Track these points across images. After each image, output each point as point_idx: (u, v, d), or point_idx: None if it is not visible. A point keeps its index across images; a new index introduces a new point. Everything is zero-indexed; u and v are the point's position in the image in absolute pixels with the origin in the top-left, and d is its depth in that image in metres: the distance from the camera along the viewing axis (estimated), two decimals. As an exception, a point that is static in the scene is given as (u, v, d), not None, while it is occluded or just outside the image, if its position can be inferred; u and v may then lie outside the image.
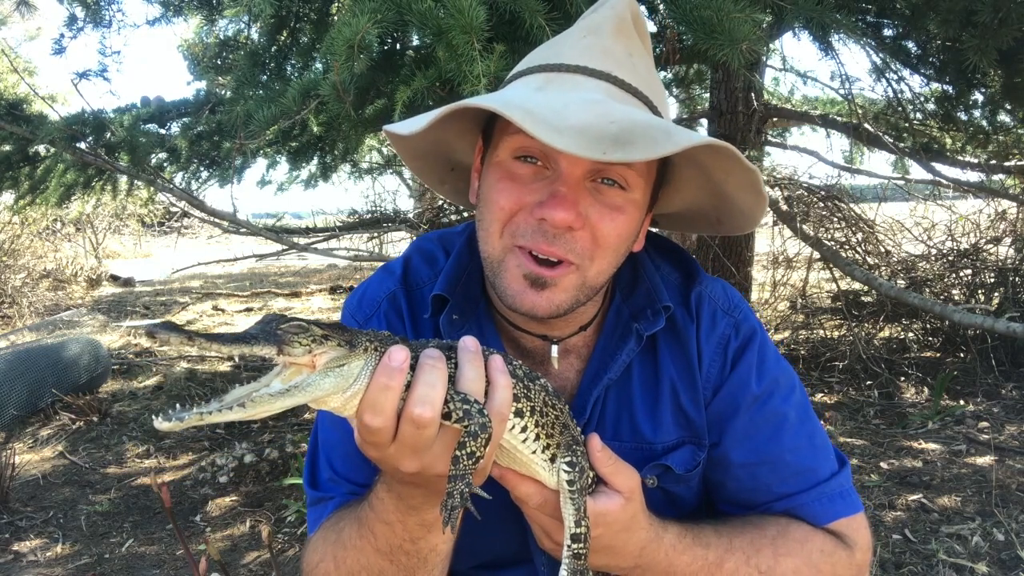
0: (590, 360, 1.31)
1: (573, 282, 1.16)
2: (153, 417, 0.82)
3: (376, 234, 7.07)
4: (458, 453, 0.90)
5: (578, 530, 1.03)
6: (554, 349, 1.29)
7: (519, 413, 1.01)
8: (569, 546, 1.04)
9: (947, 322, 5.99)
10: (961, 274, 6.59)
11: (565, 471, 1.04)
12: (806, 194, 6.38)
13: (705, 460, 1.32)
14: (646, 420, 1.29)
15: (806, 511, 1.27)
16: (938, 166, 5.55)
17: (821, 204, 6.46)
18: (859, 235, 6.53)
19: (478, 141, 1.30)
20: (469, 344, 0.97)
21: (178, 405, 0.83)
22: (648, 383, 1.31)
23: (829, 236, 6.40)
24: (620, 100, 1.13)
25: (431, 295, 1.30)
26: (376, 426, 0.90)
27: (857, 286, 6.45)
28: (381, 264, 1.50)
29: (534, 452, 1.03)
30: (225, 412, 0.83)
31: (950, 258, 6.58)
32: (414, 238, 6.77)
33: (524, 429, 1.01)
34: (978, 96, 4.67)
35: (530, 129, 0.99)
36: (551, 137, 0.98)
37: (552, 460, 1.05)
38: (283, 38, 3.53)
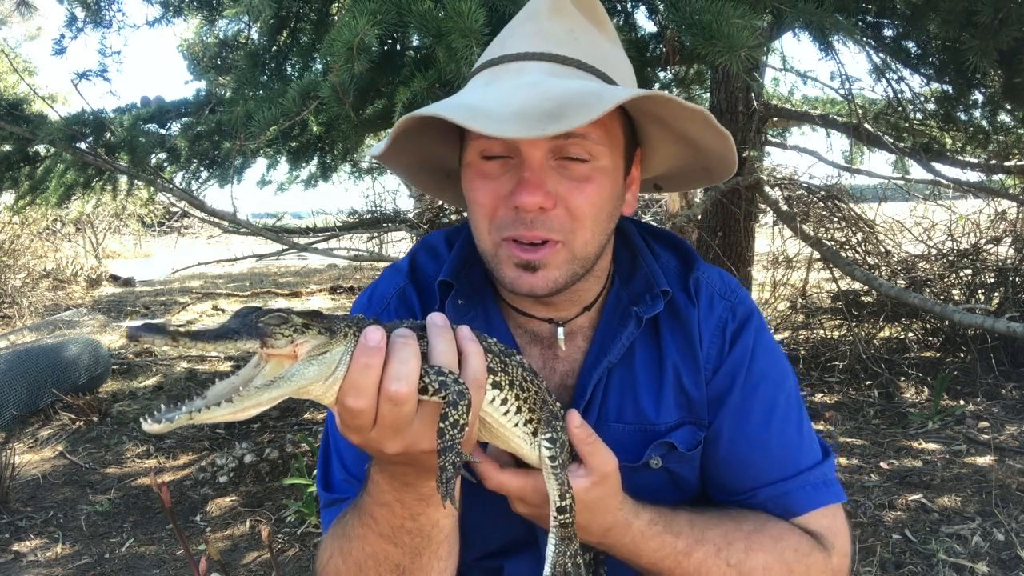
0: (591, 343, 1.34)
1: (563, 257, 1.20)
2: (141, 420, 0.81)
3: (376, 234, 7.05)
4: (442, 425, 0.92)
5: (563, 503, 1.07)
6: (560, 332, 1.32)
7: (498, 385, 1.03)
8: (556, 517, 1.08)
9: (947, 322, 5.99)
10: (961, 274, 6.58)
11: (547, 447, 1.07)
12: (806, 194, 6.38)
13: (704, 440, 1.34)
14: (649, 401, 1.32)
15: (788, 498, 1.29)
16: (938, 166, 5.55)
17: (821, 204, 6.46)
18: (859, 235, 6.53)
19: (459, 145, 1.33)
20: (437, 319, 1.00)
21: (163, 406, 0.82)
22: (651, 366, 1.33)
23: (829, 236, 6.40)
24: (564, 76, 1.17)
25: (437, 282, 1.34)
26: (359, 407, 0.92)
27: (857, 286, 6.45)
28: (381, 264, 1.53)
29: (516, 425, 1.06)
30: (213, 409, 0.83)
31: (950, 258, 6.58)
32: (414, 238, 6.78)
33: (504, 401, 1.04)
34: (978, 96, 4.66)
35: (470, 125, 1.04)
36: (491, 127, 1.04)
37: (534, 434, 1.08)
38: (283, 38, 3.53)
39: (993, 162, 5.56)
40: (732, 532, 1.23)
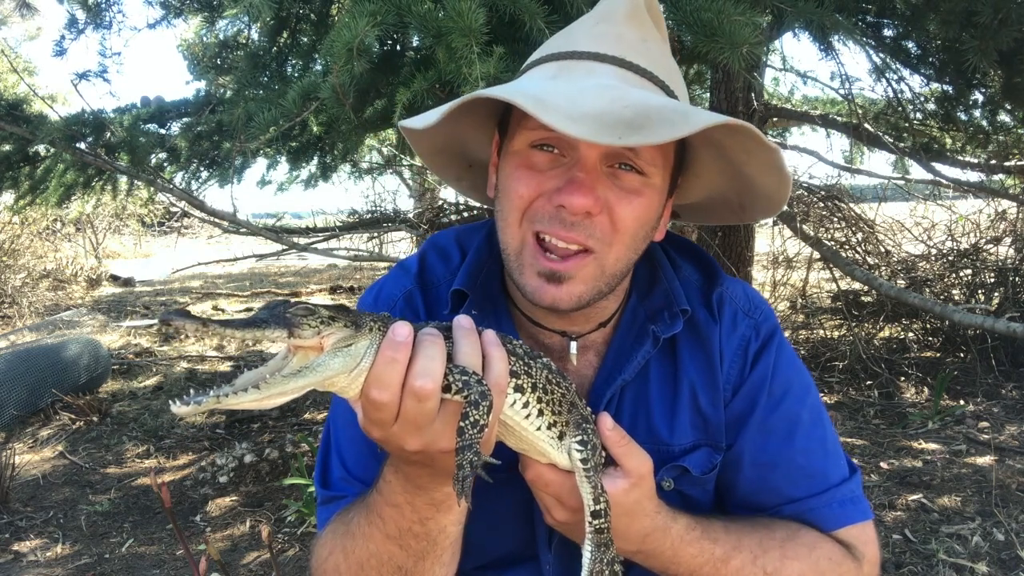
0: (604, 359, 1.30)
1: (591, 272, 1.16)
2: (171, 402, 0.83)
3: (376, 234, 7.06)
4: (462, 424, 0.92)
5: (597, 507, 1.06)
6: (573, 346, 1.29)
7: (520, 389, 1.02)
8: (591, 522, 1.06)
9: (947, 322, 5.99)
10: (961, 274, 6.59)
11: (578, 450, 1.06)
12: (806, 194, 6.38)
13: (720, 463, 1.31)
14: (663, 421, 1.29)
15: (815, 516, 1.26)
16: (938, 166, 5.54)
17: (821, 204, 6.46)
18: (859, 235, 6.53)
19: (494, 135, 1.29)
20: (463, 322, 1.00)
21: (192, 390, 0.84)
22: (666, 384, 1.30)
23: (829, 236, 6.40)
24: (635, 84, 1.14)
25: (450, 290, 1.30)
26: (383, 401, 0.92)
27: (857, 286, 6.45)
28: (381, 264, 1.51)
29: (539, 429, 1.05)
30: (240, 395, 0.85)
31: (950, 258, 6.58)
32: (414, 238, 6.79)
33: (526, 404, 1.03)
34: (978, 96, 4.66)
35: (544, 118, 0.99)
36: (566, 125, 0.99)
37: (560, 438, 1.07)
38: (283, 39, 3.53)
39: (993, 162, 5.56)
40: (767, 539, 1.21)
